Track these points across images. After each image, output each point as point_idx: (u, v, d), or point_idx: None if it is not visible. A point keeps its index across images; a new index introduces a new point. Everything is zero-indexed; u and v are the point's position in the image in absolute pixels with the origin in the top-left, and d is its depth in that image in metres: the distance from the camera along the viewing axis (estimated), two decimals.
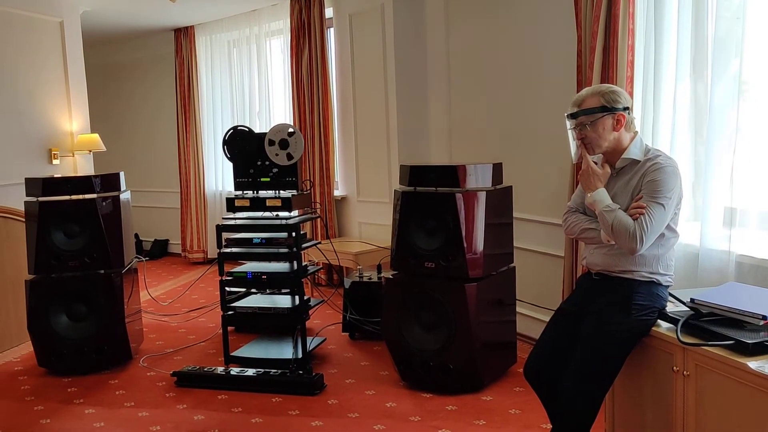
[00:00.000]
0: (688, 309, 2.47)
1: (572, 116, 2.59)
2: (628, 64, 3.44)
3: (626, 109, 2.55)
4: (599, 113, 2.53)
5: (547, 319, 2.87)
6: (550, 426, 2.75)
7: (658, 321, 2.52)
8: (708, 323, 2.36)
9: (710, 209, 3.15)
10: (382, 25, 5.56)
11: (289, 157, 4.13)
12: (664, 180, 2.47)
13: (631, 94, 3.44)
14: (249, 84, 7.27)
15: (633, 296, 2.50)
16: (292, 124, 4.27)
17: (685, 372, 2.34)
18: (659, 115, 3.47)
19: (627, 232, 2.44)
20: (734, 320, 2.33)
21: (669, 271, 2.59)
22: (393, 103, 5.55)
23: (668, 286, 2.60)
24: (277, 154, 4.13)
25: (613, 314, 2.51)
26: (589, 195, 2.58)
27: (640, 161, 2.55)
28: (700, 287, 2.92)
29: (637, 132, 2.61)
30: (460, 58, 5.12)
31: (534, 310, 4.47)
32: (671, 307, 2.57)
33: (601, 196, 2.54)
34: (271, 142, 4.14)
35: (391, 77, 5.54)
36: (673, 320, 2.45)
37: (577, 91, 3.31)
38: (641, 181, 2.51)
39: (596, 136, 2.55)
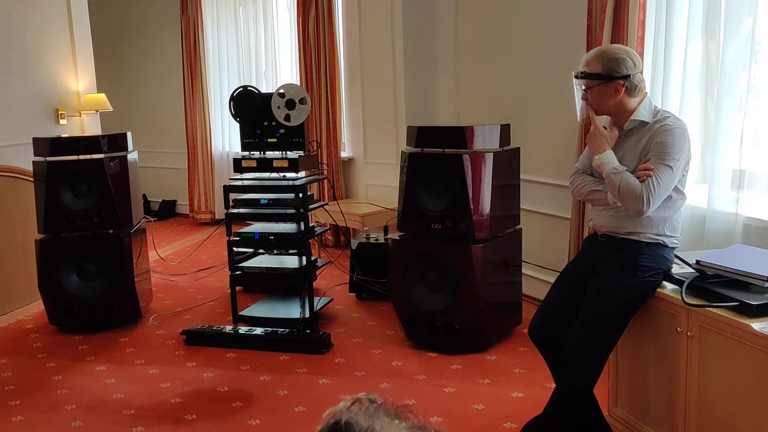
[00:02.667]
0: (694, 270, 2.48)
1: (576, 77, 2.58)
2: (639, 23, 3.39)
3: (626, 77, 2.50)
4: (596, 81, 2.52)
5: (553, 280, 2.88)
6: (553, 385, 2.78)
7: (663, 282, 2.53)
8: (713, 285, 2.37)
9: (719, 171, 3.13)
10: None
11: (287, 118, 4.10)
12: (673, 141, 2.45)
13: (641, 54, 3.39)
14: (255, 43, 7.20)
15: (639, 258, 2.51)
16: (304, 90, 4.23)
17: (689, 333, 2.36)
18: (670, 75, 3.42)
19: (634, 194, 2.44)
20: (739, 282, 2.34)
21: (675, 233, 2.59)
22: (400, 64, 5.49)
23: (674, 248, 2.60)
24: (278, 107, 4.10)
25: (619, 275, 2.52)
26: (596, 157, 2.57)
27: (648, 123, 2.54)
28: (707, 249, 2.92)
29: (646, 93, 2.59)
30: (469, 18, 5.05)
31: (540, 272, 4.49)
32: (677, 269, 2.58)
33: (609, 158, 2.53)
34: (281, 95, 4.10)
35: (398, 37, 5.47)
36: (678, 282, 2.46)
37: (587, 51, 3.27)
38: (649, 143, 2.49)
39: (594, 102, 2.57)
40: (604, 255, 2.62)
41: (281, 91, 4.13)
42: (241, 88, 4.27)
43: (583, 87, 2.58)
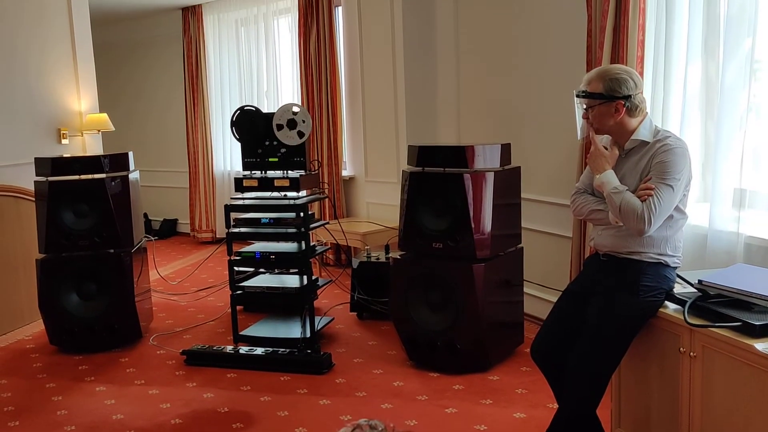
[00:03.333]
0: (696, 290, 2.47)
1: (577, 95, 2.60)
2: (639, 43, 3.41)
3: (627, 97, 2.51)
4: (597, 100, 2.53)
5: (555, 299, 2.87)
6: (556, 405, 2.76)
7: (666, 302, 2.52)
8: (715, 305, 2.36)
9: (720, 190, 3.13)
10: (391, 4, 5.51)
11: (300, 134, 4.13)
12: (674, 161, 2.45)
13: (641, 74, 3.41)
14: (257, 63, 7.24)
15: (640, 277, 2.50)
16: (297, 103, 4.25)
17: (691, 353, 2.35)
18: (670, 95, 3.43)
19: (635, 214, 2.44)
20: (742, 302, 2.33)
21: (677, 253, 2.59)
22: (401, 83, 5.52)
23: (676, 268, 2.59)
24: (289, 136, 4.13)
25: (621, 295, 2.51)
26: (597, 177, 2.58)
27: (649, 142, 2.54)
28: (709, 269, 2.91)
29: (647, 114, 2.59)
30: (469, 38, 5.08)
31: (541, 291, 4.48)
32: (679, 289, 2.57)
33: (609, 178, 2.54)
34: (279, 126, 4.13)
35: (399, 57, 5.51)
36: (680, 301, 2.45)
37: (587, 71, 3.29)
38: (650, 163, 2.50)
39: (594, 121, 2.57)
40: (605, 275, 2.62)
41: (278, 123, 4.14)
42: (239, 110, 4.29)
43: (584, 106, 2.59)
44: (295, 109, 4.15)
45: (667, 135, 2.54)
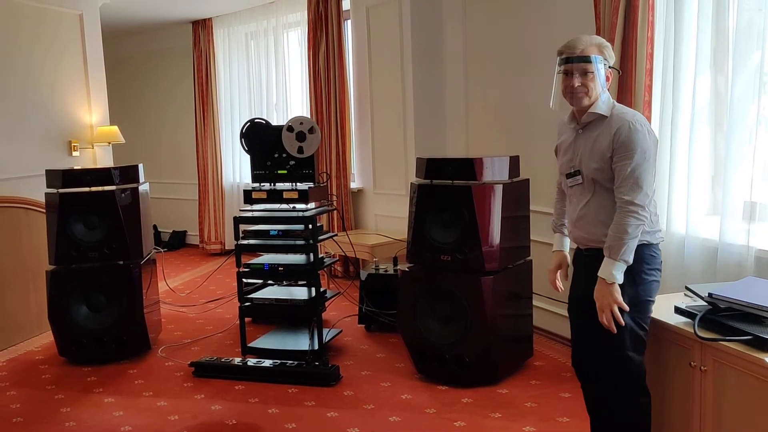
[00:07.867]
0: (706, 303, 2.46)
1: (572, 60, 2.47)
2: (648, 56, 3.41)
3: (611, 67, 2.51)
4: (600, 64, 2.45)
5: (564, 312, 2.85)
6: (566, 419, 2.74)
7: (675, 316, 2.50)
8: (726, 318, 2.34)
9: (730, 203, 3.12)
10: (400, 18, 5.54)
11: (312, 130, 4.15)
12: (635, 138, 2.39)
13: (650, 86, 3.42)
14: (266, 76, 7.29)
15: (631, 267, 2.43)
16: (311, 119, 4.29)
17: (702, 367, 2.33)
18: (679, 107, 3.43)
19: (634, 226, 2.38)
20: (753, 315, 2.31)
21: (655, 227, 2.50)
22: (410, 96, 5.54)
23: (659, 243, 2.52)
24: (309, 144, 4.16)
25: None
26: (608, 281, 2.44)
27: (606, 117, 2.47)
28: (719, 282, 2.89)
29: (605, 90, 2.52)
30: (477, 51, 5.10)
31: (551, 304, 4.45)
32: (689, 302, 2.55)
33: (610, 271, 2.42)
34: (300, 150, 4.16)
35: (407, 70, 5.53)
36: (690, 315, 2.43)
37: None
38: (612, 144, 2.42)
39: (593, 85, 2.45)
40: (595, 271, 2.50)
41: (290, 124, 4.18)
42: (249, 123, 4.31)
43: (577, 74, 2.45)
44: (311, 126, 4.17)
45: (624, 111, 2.48)
